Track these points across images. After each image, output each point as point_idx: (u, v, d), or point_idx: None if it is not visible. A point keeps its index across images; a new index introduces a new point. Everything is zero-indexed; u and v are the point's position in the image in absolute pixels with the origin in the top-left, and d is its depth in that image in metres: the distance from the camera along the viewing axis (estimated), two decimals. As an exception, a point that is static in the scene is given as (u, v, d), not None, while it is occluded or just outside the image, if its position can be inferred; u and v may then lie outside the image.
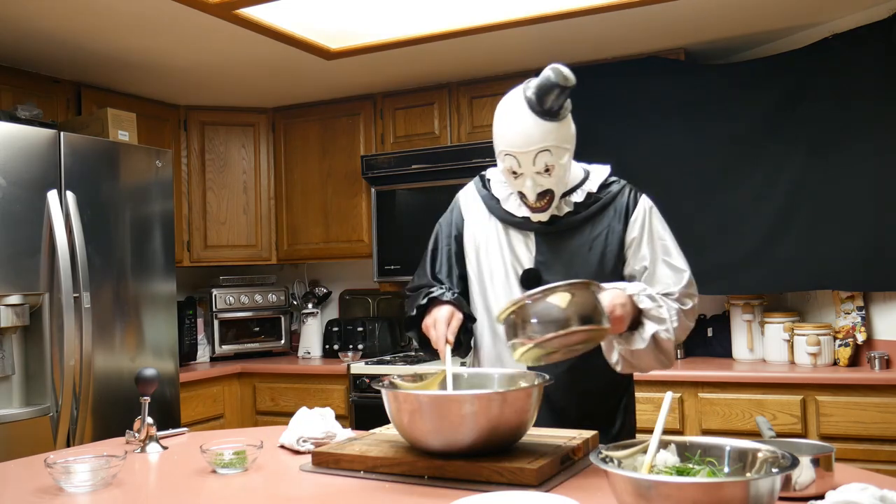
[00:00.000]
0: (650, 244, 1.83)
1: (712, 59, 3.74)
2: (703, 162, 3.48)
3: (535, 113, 1.74)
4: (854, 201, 3.15)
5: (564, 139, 1.77)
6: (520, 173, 1.78)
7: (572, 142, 1.81)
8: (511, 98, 1.80)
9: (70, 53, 3.38)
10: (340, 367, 3.89)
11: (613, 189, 1.88)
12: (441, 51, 3.53)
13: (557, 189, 1.80)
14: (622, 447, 1.24)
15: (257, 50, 3.43)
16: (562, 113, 1.76)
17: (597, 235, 1.84)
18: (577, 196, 1.86)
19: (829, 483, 1.30)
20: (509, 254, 1.88)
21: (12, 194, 2.79)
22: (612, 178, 1.91)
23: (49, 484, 1.58)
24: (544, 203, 1.80)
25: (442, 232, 2.02)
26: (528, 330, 1.54)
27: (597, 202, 1.86)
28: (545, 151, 1.74)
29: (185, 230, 4.29)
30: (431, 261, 2.00)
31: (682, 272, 1.80)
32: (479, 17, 3.15)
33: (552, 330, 1.51)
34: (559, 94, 1.72)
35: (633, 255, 1.84)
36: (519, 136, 1.75)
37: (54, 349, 2.89)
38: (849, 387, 2.95)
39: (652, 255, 1.82)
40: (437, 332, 1.74)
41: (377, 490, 1.46)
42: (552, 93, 1.71)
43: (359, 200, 4.25)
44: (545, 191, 1.79)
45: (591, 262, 1.83)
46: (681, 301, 1.77)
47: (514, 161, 1.77)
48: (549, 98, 1.72)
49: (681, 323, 1.75)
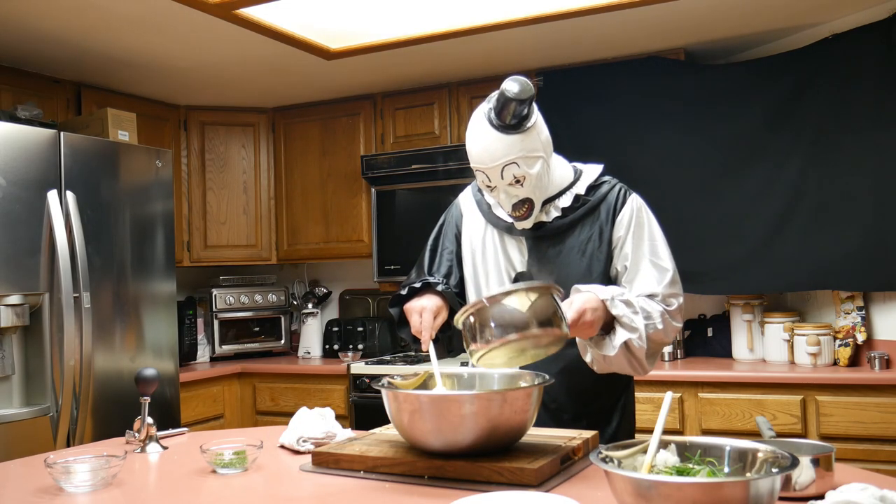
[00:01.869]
0: (634, 242, 1.82)
1: (712, 59, 3.74)
2: (703, 162, 3.48)
3: (495, 128, 1.74)
4: (854, 201, 3.15)
5: (532, 149, 1.75)
6: (492, 186, 1.79)
7: (544, 149, 1.79)
8: (476, 114, 1.80)
9: (70, 53, 3.38)
10: (340, 367, 3.89)
11: (602, 190, 1.87)
12: (441, 51, 3.53)
13: (536, 196, 1.80)
14: (622, 447, 1.24)
15: (257, 50, 3.43)
16: (525, 124, 1.74)
17: (586, 238, 1.84)
18: (565, 200, 1.86)
19: (829, 483, 1.30)
20: (503, 258, 1.90)
21: (12, 194, 2.80)
22: (603, 179, 1.89)
23: (49, 484, 1.58)
24: (524, 212, 1.80)
25: (445, 232, 2.03)
26: (485, 333, 1.53)
27: (584, 205, 1.85)
28: (511, 164, 1.74)
29: (185, 230, 4.29)
30: (430, 259, 2.01)
31: (665, 271, 1.78)
32: (479, 17, 3.14)
33: (510, 333, 1.50)
34: (517, 106, 1.71)
35: (617, 253, 1.84)
36: (483, 151, 1.76)
37: (54, 349, 2.89)
38: (849, 387, 2.95)
39: (635, 254, 1.81)
40: (424, 321, 1.75)
41: (377, 490, 1.46)
42: (509, 106, 1.71)
43: (359, 200, 4.25)
44: (522, 200, 1.79)
45: (581, 266, 1.83)
46: (665, 302, 1.75)
47: (484, 175, 1.79)
48: (508, 111, 1.71)
49: (666, 325, 1.73)
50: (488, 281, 1.91)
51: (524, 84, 1.71)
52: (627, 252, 1.82)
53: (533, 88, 1.72)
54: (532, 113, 1.76)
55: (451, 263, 1.99)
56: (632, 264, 1.80)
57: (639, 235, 1.82)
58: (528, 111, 1.74)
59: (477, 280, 1.93)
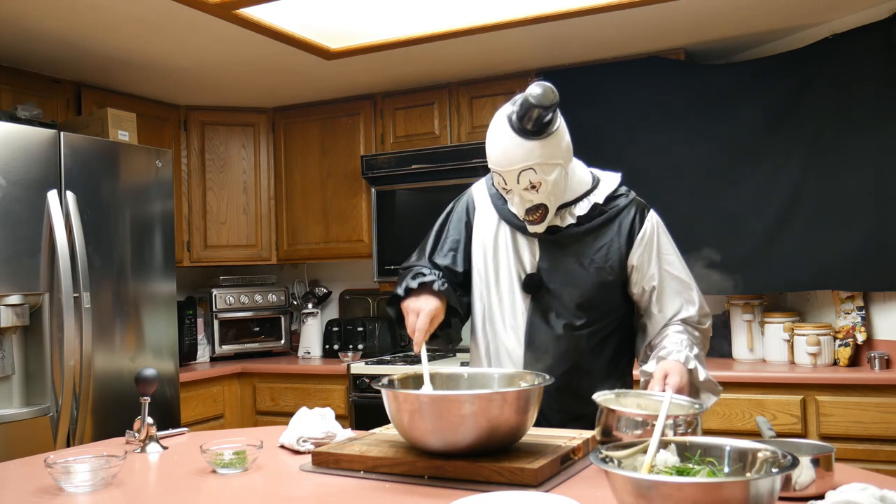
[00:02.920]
0: (659, 264, 1.85)
1: (712, 59, 3.74)
2: (703, 162, 3.48)
3: (515, 132, 1.72)
4: (854, 201, 3.15)
5: (551, 156, 1.73)
6: (508, 189, 1.78)
7: (563, 156, 1.77)
8: (498, 114, 1.77)
9: (70, 53, 3.38)
10: (340, 367, 3.89)
11: (620, 203, 1.87)
12: (441, 51, 3.53)
13: (551, 202, 1.78)
14: (622, 447, 1.24)
15: (257, 50, 3.43)
16: (547, 130, 1.72)
17: (599, 248, 1.84)
18: (582, 207, 1.85)
19: (829, 483, 1.30)
20: (514, 256, 1.88)
21: (12, 194, 2.79)
22: (621, 191, 1.89)
23: (49, 484, 1.57)
24: (537, 217, 1.79)
25: (453, 220, 2.01)
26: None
27: (602, 214, 1.85)
28: (528, 170, 1.72)
29: (185, 230, 4.29)
30: (434, 244, 1.99)
31: (691, 290, 1.87)
32: (479, 17, 3.14)
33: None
34: (540, 113, 1.68)
35: (641, 275, 1.85)
36: (501, 155, 1.74)
37: (54, 349, 2.89)
38: (849, 387, 2.95)
39: (661, 276, 1.85)
40: (419, 324, 1.74)
41: (377, 490, 1.46)
42: (531, 112, 1.69)
43: (359, 200, 4.25)
44: (536, 205, 1.78)
45: (591, 275, 1.84)
46: (700, 322, 1.85)
47: (500, 178, 1.78)
48: (529, 117, 1.69)
49: (704, 346, 1.86)
50: (499, 277, 1.90)
51: (548, 91, 1.68)
52: (654, 273, 1.84)
53: (557, 96, 1.69)
54: (555, 119, 1.73)
55: (456, 252, 1.96)
56: (659, 286, 1.85)
57: (660, 256, 1.85)
58: (552, 117, 1.72)
59: (487, 276, 1.92)
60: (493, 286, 1.90)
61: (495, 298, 1.90)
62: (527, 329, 1.86)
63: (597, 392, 1.61)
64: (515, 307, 1.88)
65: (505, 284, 1.89)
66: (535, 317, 1.86)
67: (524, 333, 1.87)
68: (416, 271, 1.87)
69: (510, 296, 1.88)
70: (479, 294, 1.94)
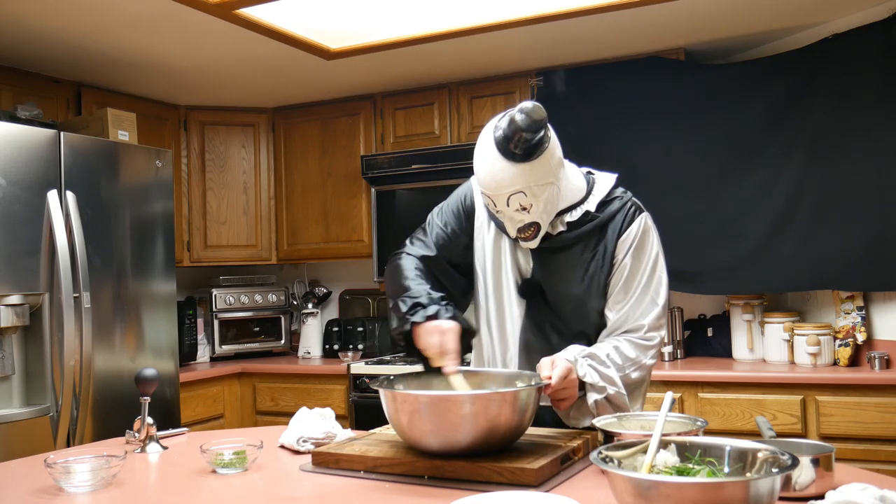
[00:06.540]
0: (632, 266, 1.77)
1: (712, 59, 3.74)
2: (703, 162, 3.48)
3: (503, 155, 1.62)
4: (854, 201, 3.15)
5: (541, 177, 1.65)
6: (498, 210, 1.72)
7: (555, 174, 1.69)
8: (485, 131, 1.68)
9: (70, 53, 3.38)
10: (340, 367, 3.89)
11: (613, 207, 1.79)
12: (441, 51, 3.53)
13: (543, 220, 1.72)
14: (622, 447, 1.24)
15: (257, 50, 3.43)
16: (536, 153, 1.62)
17: (590, 256, 1.79)
18: (574, 215, 1.78)
19: (829, 483, 1.30)
20: (511, 260, 1.86)
21: (12, 194, 2.79)
22: (615, 194, 1.82)
23: (49, 484, 1.58)
24: (529, 234, 1.73)
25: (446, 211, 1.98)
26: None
27: (592, 221, 1.78)
28: (518, 193, 1.65)
29: (185, 230, 4.29)
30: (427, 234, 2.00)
31: (655, 305, 1.77)
32: (479, 17, 3.14)
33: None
34: (528, 137, 1.60)
35: (614, 272, 1.79)
36: (488, 177, 1.66)
37: (54, 349, 2.89)
38: (849, 387, 2.95)
39: (629, 280, 1.77)
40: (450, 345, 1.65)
41: (377, 490, 1.46)
42: (517, 136, 1.60)
43: (359, 200, 4.25)
44: (528, 224, 1.71)
45: (582, 284, 1.80)
46: (646, 337, 1.75)
47: (490, 200, 1.71)
48: (517, 142, 1.61)
49: (641, 366, 1.74)
50: (498, 280, 1.87)
51: (536, 114, 1.60)
52: (623, 274, 1.78)
53: (545, 116, 1.61)
54: (544, 140, 1.64)
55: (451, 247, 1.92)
56: (622, 288, 1.78)
57: (637, 259, 1.78)
58: (542, 137, 1.63)
59: (485, 276, 1.90)
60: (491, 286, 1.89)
61: (493, 302, 1.89)
62: (521, 334, 1.85)
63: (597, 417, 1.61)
64: (512, 311, 1.87)
65: (501, 288, 1.87)
66: (529, 322, 1.85)
67: (519, 338, 1.86)
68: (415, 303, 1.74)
69: (508, 299, 1.87)
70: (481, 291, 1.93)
